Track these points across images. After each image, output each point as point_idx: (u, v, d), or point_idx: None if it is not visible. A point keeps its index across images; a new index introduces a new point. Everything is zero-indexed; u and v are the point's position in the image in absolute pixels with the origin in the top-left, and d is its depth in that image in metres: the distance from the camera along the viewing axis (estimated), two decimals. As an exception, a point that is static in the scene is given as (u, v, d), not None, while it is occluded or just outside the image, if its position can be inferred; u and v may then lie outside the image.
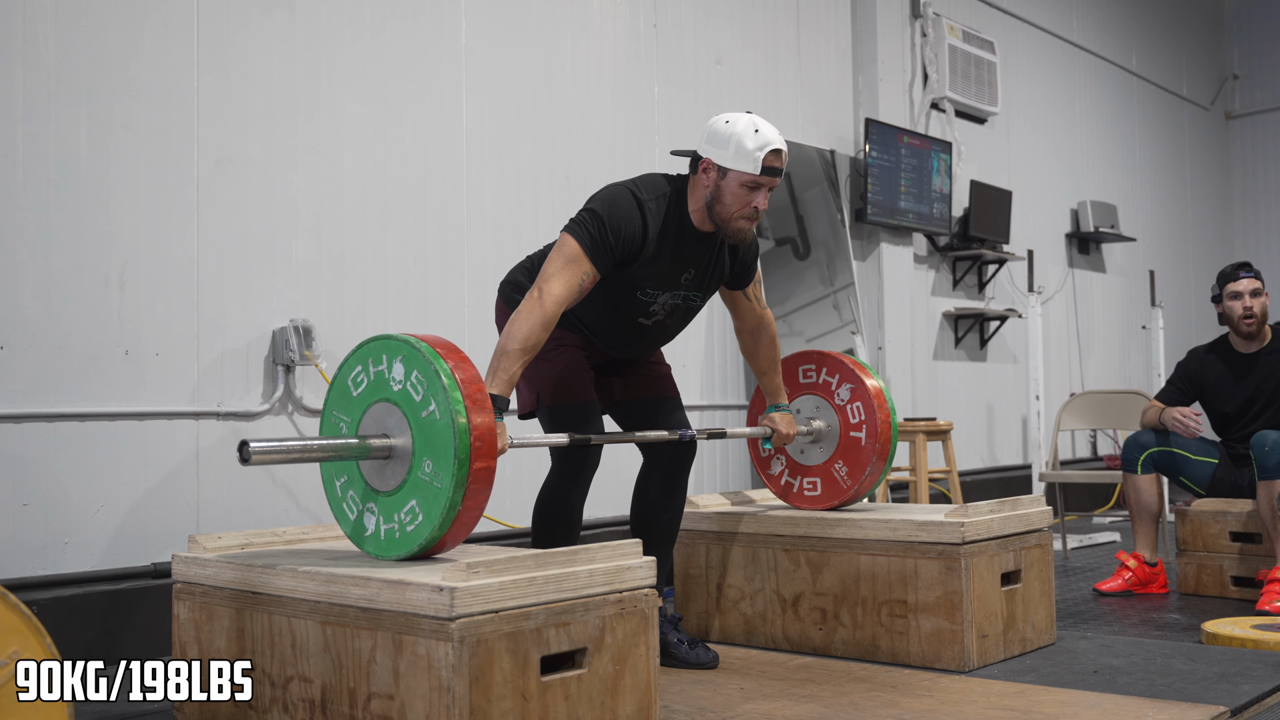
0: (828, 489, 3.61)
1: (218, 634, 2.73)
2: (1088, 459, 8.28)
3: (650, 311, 3.16)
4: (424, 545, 2.52)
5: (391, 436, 2.58)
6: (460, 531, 2.54)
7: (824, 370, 3.61)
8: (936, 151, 6.71)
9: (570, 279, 2.92)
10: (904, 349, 6.43)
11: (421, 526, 2.51)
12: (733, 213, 3.04)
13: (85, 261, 3.49)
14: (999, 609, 3.29)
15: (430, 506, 2.49)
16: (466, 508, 2.48)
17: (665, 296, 3.14)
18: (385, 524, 2.60)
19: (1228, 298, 4.50)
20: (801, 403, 3.65)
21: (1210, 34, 10.58)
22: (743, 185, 3.01)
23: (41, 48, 3.43)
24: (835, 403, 3.58)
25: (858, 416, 3.53)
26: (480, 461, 2.46)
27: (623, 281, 3.08)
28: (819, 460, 3.63)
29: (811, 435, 3.61)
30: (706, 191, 3.06)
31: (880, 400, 3.52)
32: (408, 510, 2.54)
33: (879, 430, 3.49)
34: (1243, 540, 4.37)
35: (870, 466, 3.51)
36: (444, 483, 2.45)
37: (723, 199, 3.04)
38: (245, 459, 2.45)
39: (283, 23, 3.98)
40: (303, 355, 3.86)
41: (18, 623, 1.81)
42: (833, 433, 3.59)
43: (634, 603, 2.49)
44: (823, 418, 3.61)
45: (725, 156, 3.01)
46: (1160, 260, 9.34)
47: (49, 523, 3.39)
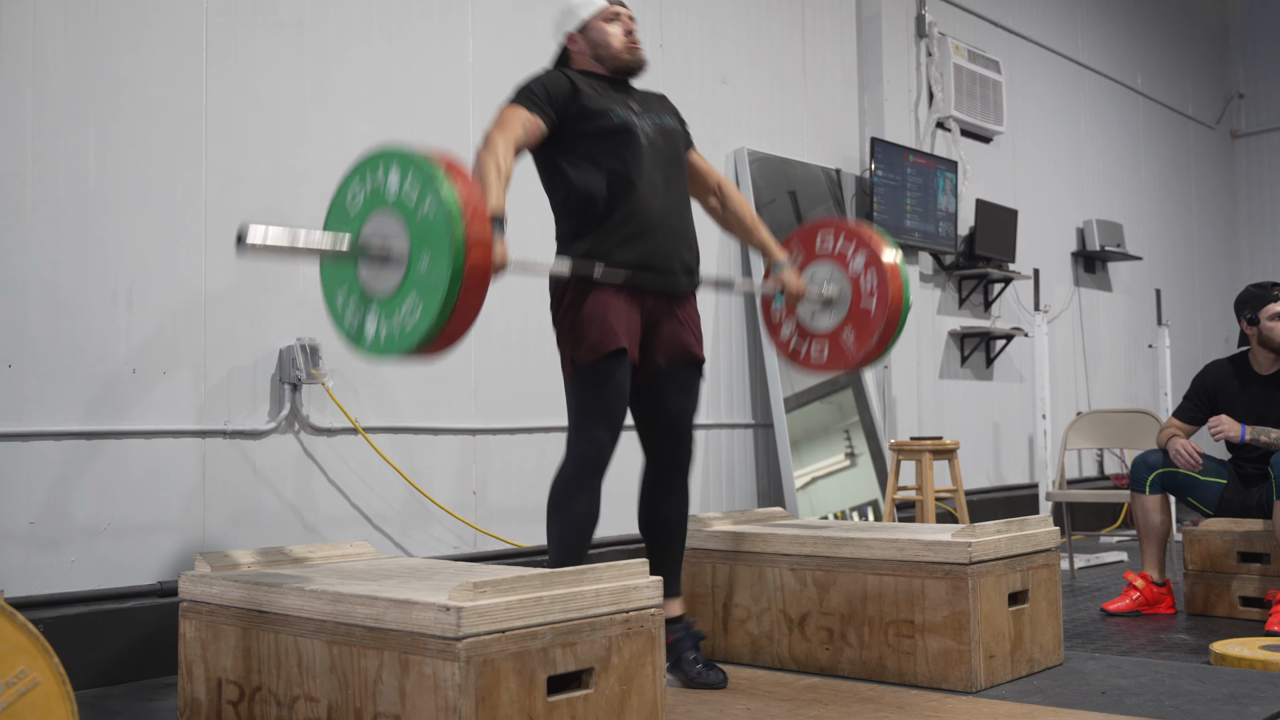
0: (834, 356, 3.62)
1: (224, 653, 2.73)
2: (1094, 478, 8.26)
3: (638, 127, 3.18)
4: (425, 338, 2.52)
5: (391, 242, 2.60)
6: (460, 324, 2.53)
7: (841, 238, 3.62)
8: (942, 170, 6.72)
9: (508, 124, 3.03)
10: (910, 368, 6.43)
11: (421, 319, 2.51)
12: (616, 49, 3.28)
13: (93, 280, 3.50)
14: (1006, 629, 3.28)
15: (429, 300, 2.49)
16: (465, 300, 2.49)
17: (636, 118, 3.20)
18: (385, 326, 2.60)
19: (1267, 319, 4.45)
20: (816, 269, 3.66)
21: (1215, 53, 10.60)
22: (604, 23, 3.28)
23: (51, 68, 3.45)
24: (849, 271, 3.58)
25: (870, 285, 3.53)
26: (478, 250, 2.48)
27: (588, 116, 3.15)
28: (828, 327, 3.64)
29: (823, 300, 3.62)
30: (588, 54, 3.29)
31: (895, 272, 3.52)
32: (408, 308, 2.54)
33: (890, 300, 3.48)
34: (1251, 560, 4.36)
35: (878, 335, 3.50)
36: (441, 274, 2.46)
37: (600, 43, 3.28)
38: (241, 243, 2.49)
39: (290, 43, 4.00)
40: (309, 374, 3.87)
41: (25, 642, 1.81)
42: (844, 300, 3.60)
43: (641, 623, 2.48)
44: (836, 284, 3.62)
45: (575, 19, 3.29)
46: (1166, 279, 9.33)
47: (55, 541, 3.39)
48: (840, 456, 5.70)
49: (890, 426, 6.20)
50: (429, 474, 4.27)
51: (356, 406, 4.07)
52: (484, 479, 4.46)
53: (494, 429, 4.49)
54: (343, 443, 4.04)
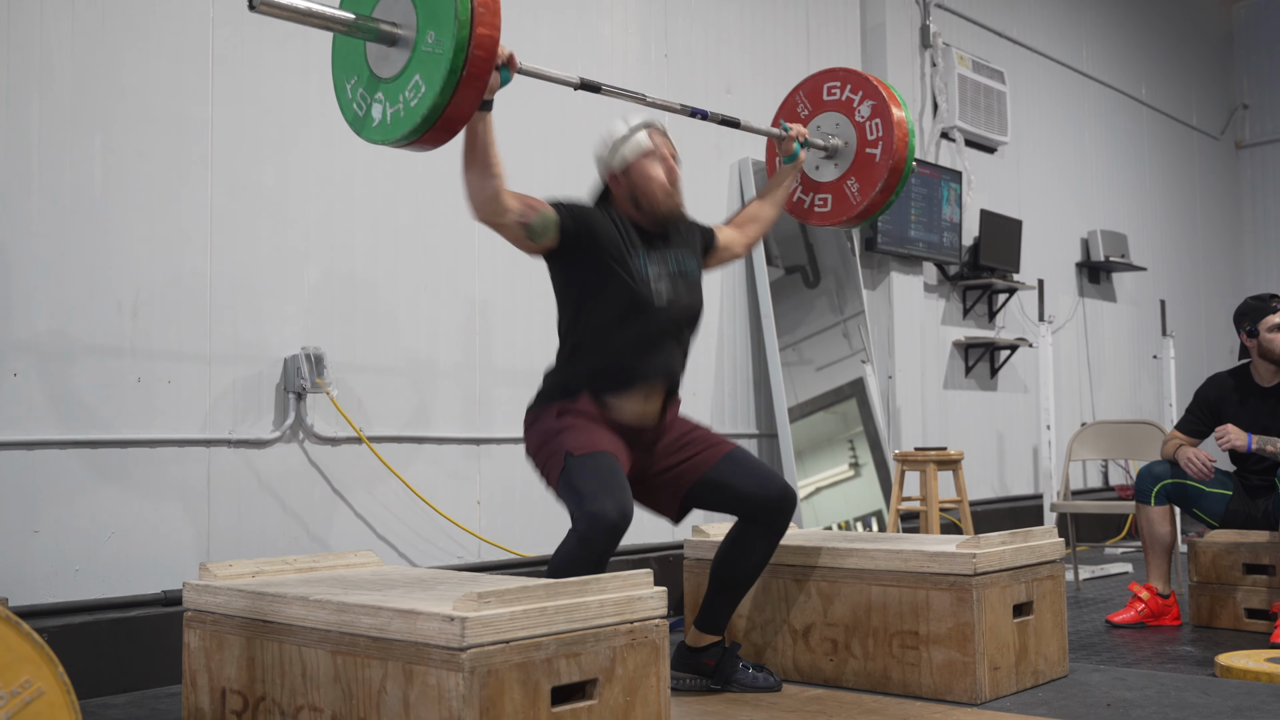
0: (838, 205, 3.61)
1: (228, 662, 2.73)
2: (1099, 489, 8.25)
3: (654, 286, 3.13)
4: (427, 118, 2.51)
5: (399, 23, 2.61)
6: (463, 104, 2.51)
7: (848, 87, 3.61)
8: (946, 181, 6.72)
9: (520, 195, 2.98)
10: (914, 378, 6.42)
11: (424, 98, 2.50)
12: (655, 193, 3.17)
13: (98, 289, 3.51)
14: (1011, 641, 3.27)
15: (432, 74, 2.48)
16: (469, 75, 2.46)
17: (656, 268, 3.16)
18: (390, 108, 2.61)
19: (1266, 330, 4.45)
20: (822, 119, 3.66)
21: (1219, 64, 10.61)
22: (645, 162, 3.16)
23: (58, 77, 3.46)
24: (855, 119, 3.57)
25: (875, 134, 3.51)
26: (483, 28, 2.46)
27: (610, 259, 3.10)
28: (832, 177, 3.63)
29: (827, 151, 3.61)
30: (628, 196, 3.19)
31: (900, 120, 3.50)
32: (411, 86, 2.54)
33: (894, 148, 3.47)
34: (1257, 572, 4.35)
35: (882, 183, 3.49)
36: (445, 46, 2.45)
37: (640, 188, 3.17)
38: (253, 5, 2.51)
39: (297, 53, 4.01)
40: (314, 383, 3.87)
41: (30, 651, 1.81)
42: (849, 150, 3.59)
43: (645, 633, 2.48)
44: (841, 135, 3.60)
45: (616, 157, 3.19)
46: (1171, 290, 9.33)
47: (60, 550, 3.39)
48: (844, 467, 5.69)
49: (894, 437, 6.20)
50: (433, 483, 4.26)
51: (361, 416, 4.07)
52: (488, 489, 4.45)
53: (498, 439, 4.49)
54: (347, 452, 4.04)
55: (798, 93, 3.80)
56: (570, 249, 3.08)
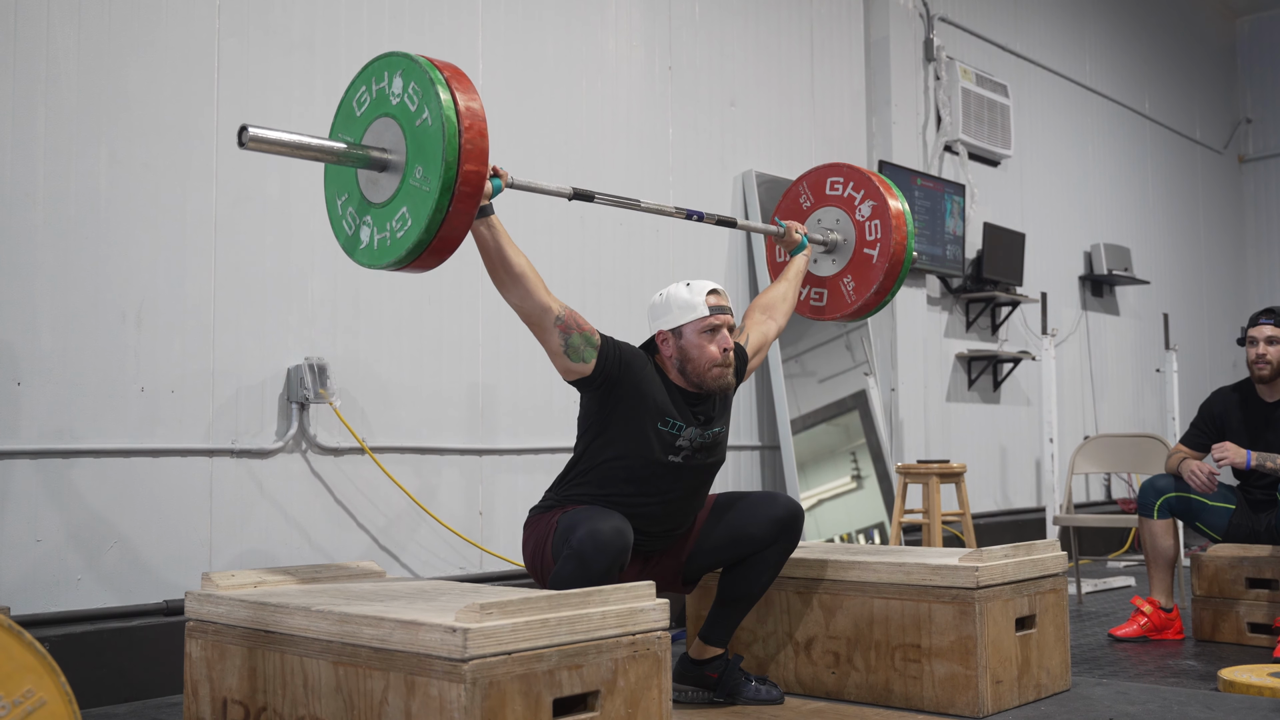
0: (833, 301, 3.67)
1: (230, 673, 2.73)
2: (1102, 502, 8.24)
3: (677, 446, 3.09)
4: (411, 250, 2.57)
5: (389, 150, 2.64)
6: (448, 239, 2.58)
7: (850, 185, 3.64)
8: (950, 194, 6.73)
9: (570, 309, 2.97)
10: (917, 391, 6.42)
11: (411, 230, 2.56)
12: (704, 366, 3.09)
13: (103, 299, 3.51)
14: (1013, 654, 3.27)
15: (418, 211, 2.54)
16: (454, 212, 2.52)
17: (689, 431, 3.09)
18: (378, 234, 2.66)
19: (1248, 343, 4.49)
20: (823, 214, 3.69)
21: (1223, 78, 10.62)
22: (700, 334, 3.08)
23: (64, 88, 3.47)
24: (855, 218, 3.61)
25: (874, 234, 3.55)
26: (470, 164, 2.51)
27: (640, 414, 3.04)
28: (829, 272, 3.68)
29: (826, 246, 3.63)
30: (674, 360, 3.12)
31: (899, 221, 3.53)
32: (398, 218, 2.59)
33: (893, 250, 3.50)
34: (1260, 586, 4.34)
35: (877, 285, 3.53)
36: (432, 185, 2.51)
37: (690, 356, 3.09)
38: (242, 143, 2.53)
39: (302, 64, 4.02)
40: (317, 393, 3.87)
41: (33, 661, 1.81)
42: (847, 246, 3.63)
43: (647, 645, 2.48)
44: (840, 231, 3.63)
45: (672, 319, 3.10)
46: (1174, 303, 9.33)
47: (62, 559, 3.39)
48: (847, 479, 5.69)
49: (897, 449, 6.20)
50: (435, 494, 4.27)
51: (364, 426, 4.07)
52: (490, 500, 4.46)
53: (500, 449, 4.49)
54: (350, 462, 4.04)
55: (801, 184, 3.81)
56: (604, 384, 3.03)
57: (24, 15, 3.40)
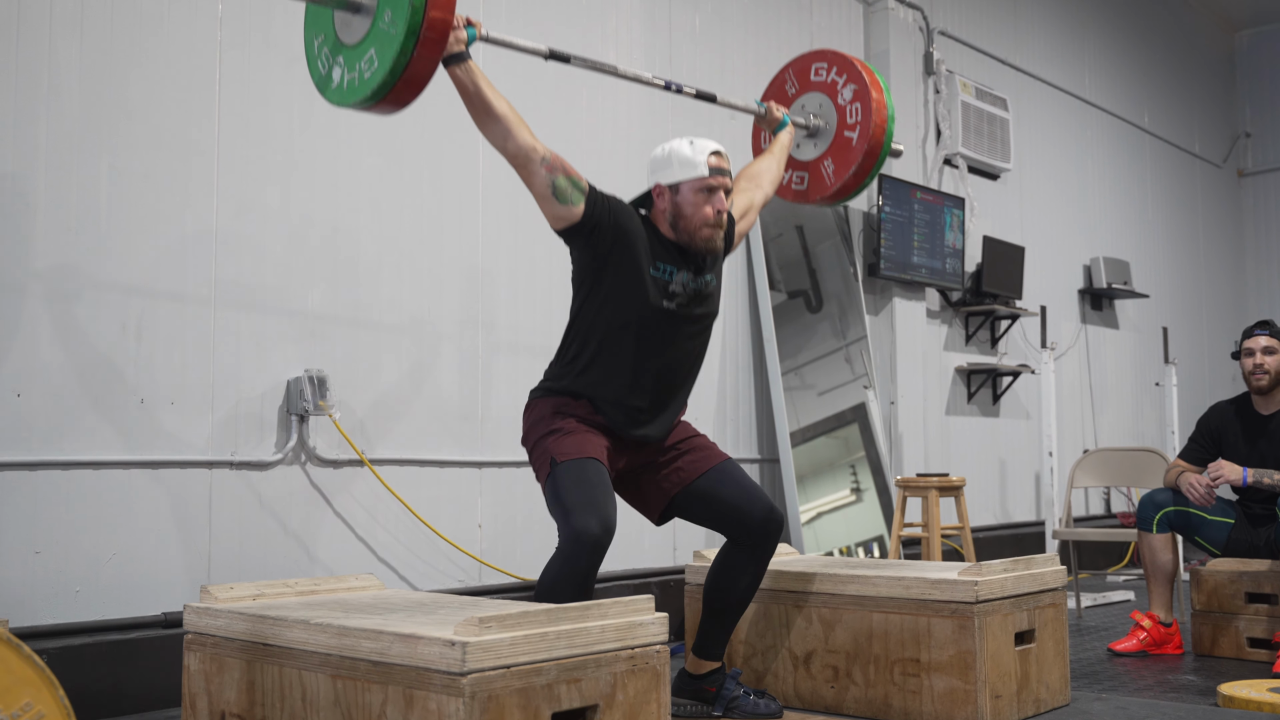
0: (814, 184, 3.73)
1: (228, 686, 2.72)
2: (1101, 516, 8.24)
3: (671, 292, 3.12)
4: (376, 91, 2.70)
5: None
6: (412, 83, 2.70)
7: (834, 69, 3.70)
8: (949, 207, 6.74)
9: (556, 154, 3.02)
10: (916, 404, 6.42)
11: (376, 72, 2.69)
12: (696, 225, 3.12)
13: (102, 310, 3.52)
14: (1013, 669, 3.26)
15: (384, 53, 2.66)
16: (419, 56, 2.64)
17: (681, 276, 3.14)
18: (348, 74, 2.79)
19: (1244, 354, 4.50)
20: (807, 99, 3.77)
21: (1222, 92, 10.64)
22: (697, 192, 3.11)
23: (65, 99, 3.48)
24: (838, 102, 3.67)
25: (854, 117, 3.60)
26: (435, 11, 2.63)
27: (629, 258, 3.08)
28: (810, 156, 3.74)
29: (808, 130, 3.70)
30: (667, 215, 3.15)
31: (880, 103, 3.57)
32: (367, 59, 2.72)
33: (872, 132, 3.54)
34: (1259, 601, 4.34)
35: (856, 166, 3.59)
36: (398, 29, 2.62)
37: (683, 213, 3.13)
38: None
39: (303, 76, 4.00)
40: (317, 405, 3.87)
41: (31, 674, 1.80)
42: (829, 130, 3.69)
43: (646, 659, 2.47)
44: (823, 115, 3.70)
45: (671, 174, 3.13)
46: (1173, 317, 9.33)
47: (61, 571, 3.39)
48: (846, 491, 5.69)
49: (896, 462, 6.19)
50: (434, 507, 4.26)
51: (363, 438, 4.07)
52: (489, 512, 4.45)
53: (500, 462, 4.49)
54: (349, 475, 4.04)
55: (788, 71, 3.91)
56: (594, 231, 3.05)
57: (26, 25, 3.41)
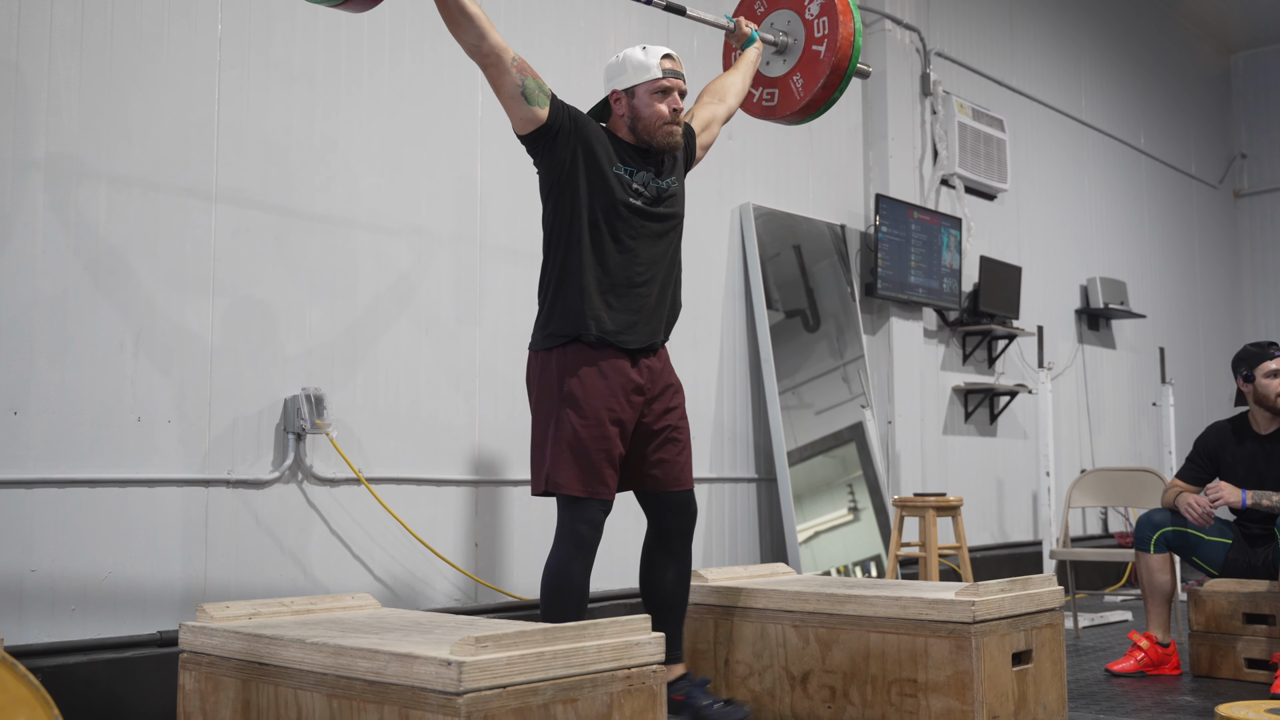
0: (783, 99, 3.75)
1: (223, 705, 2.71)
2: (1099, 536, 8.23)
3: (634, 189, 3.23)
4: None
5: None
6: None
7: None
8: (946, 227, 6.75)
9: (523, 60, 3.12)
10: (914, 423, 6.43)
11: None
12: (654, 124, 3.25)
13: (100, 328, 3.52)
14: (1010, 689, 3.25)
15: None
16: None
17: (643, 175, 3.25)
18: None
19: (1262, 376, 4.45)
20: (775, 17, 3.79)
21: (1218, 113, 10.68)
22: (652, 95, 3.24)
23: (65, 116, 3.49)
24: (805, 17, 3.70)
25: (822, 30, 3.62)
26: None
27: (593, 160, 3.20)
28: (780, 72, 3.76)
29: (777, 46, 3.73)
30: (626, 119, 3.28)
31: (846, 16, 3.59)
32: None
33: (838, 46, 3.56)
34: (1257, 621, 4.33)
35: (824, 80, 3.61)
36: None
37: (640, 115, 3.26)
38: None
39: (302, 94, 4.04)
40: (314, 424, 3.87)
41: (26, 693, 1.80)
42: (797, 45, 3.71)
43: (643, 679, 2.47)
44: (791, 32, 3.72)
45: (626, 79, 3.27)
46: (1170, 337, 9.35)
47: (56, 589, 3.38)
48: (843, 511, 5.68)
49: (894, 482, 6.19)
50: (431, 525, 4.26)
51: (360, 457, 4.07)
52: (486, 531, 4.45)
53: (496, 480, 4.49)
54: (346, 493, 4.04)
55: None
56: (558, 136, 3.18)
57: (26, 44, 3.42)
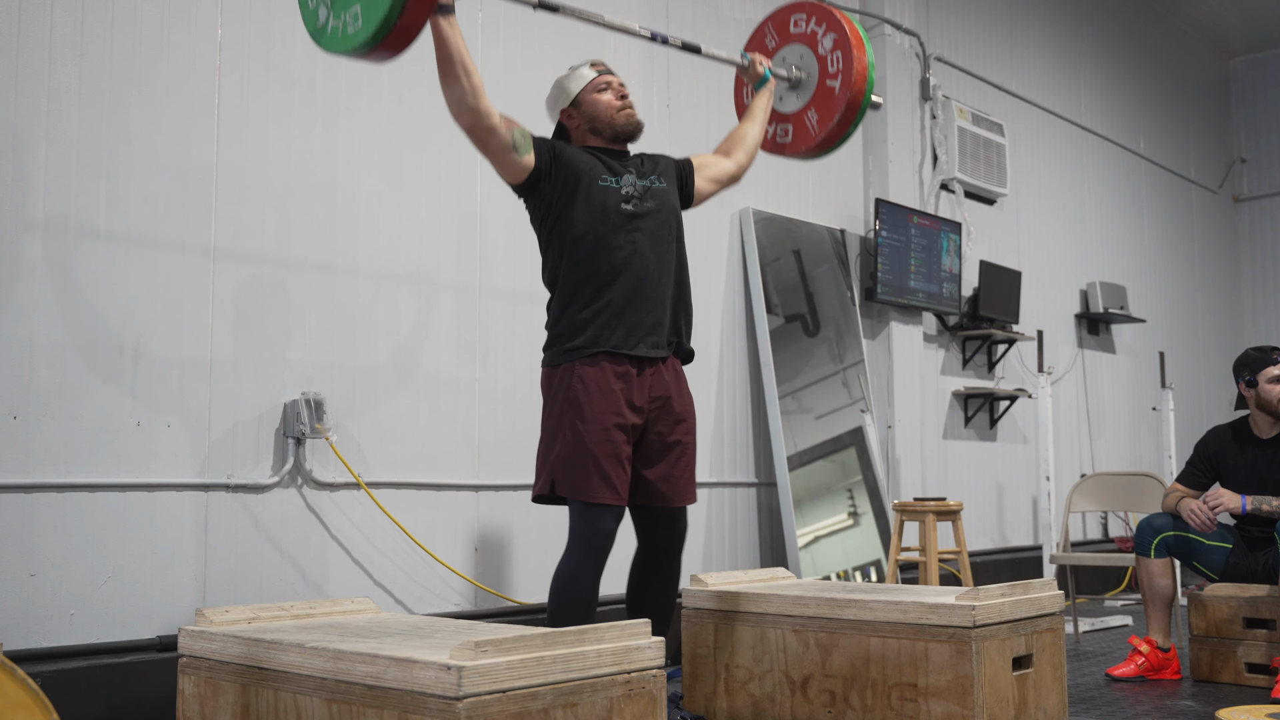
0: (798, 136, 3.73)
1: (222, 710, 2.71)
2: (1099, 540, 8.23)
3: (625, 194, 3.28)
4: (363, 45, 2.75)
5: None
6: (398, 40, 2.75)
7: (813, 20, 3.70)
8: (946, 232, 6.75)
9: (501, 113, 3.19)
10: (914, 428, 6.42)
11: (361, 28, 2.74)
12: (609, 114, 3.36)
13: (100, 333, 3.52)
14: (1010, 694, 3.25)
15: (371, 10, 2.71)
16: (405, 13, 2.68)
17: (627, 178, 3.31)
18: (334, 23, 2.83)
19: (1266, 381, 4.46)
20: (787, 51, 3.76)
21: (1217, 118, 10.69)
22: (595, 94, 3.37)
23: (64, 123, 3.49)
24: (818, 52, 3.66)
25: (836, 65, 3.60)
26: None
27: (579, 174, 3.26)
28: (794, 108, 3.73)
29: (790, 82, 3.71)
30: (584, 127, 3.38)
31: (860, 51, 3.57)
32: (352, 12, 2.77)
33: (853, 81, 3.54)
34: (1257, 626, 4.33)
35: (839, 116, 3.58)
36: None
37: (595, 114, 3.37)
38: None
39: (302, 100, 4.04)
40: (314, 428, 3.87)
41: (26, 698, 1.80)
42: (811, 81, 3.68)
43: (642, 684, 2.46)
44: (804, 67, 3.69)
45: (567, 95, 3.41)
46: (1170, 342, 9.35)
47: (55, 594, 3.38)
48: (843, 516, 5.68)
49: (894, 486, 6.19)
50: (431, 530, 4.26)
51: (360, 461, 4.07)
52: (486, 536, 4.44)
53: (497, 485, 4.48)
54: (345, 498, 4.04)
55: (767, 24, 3.90)
56: (547, 174, 3.25)
57: (26, 49, 3.43)
